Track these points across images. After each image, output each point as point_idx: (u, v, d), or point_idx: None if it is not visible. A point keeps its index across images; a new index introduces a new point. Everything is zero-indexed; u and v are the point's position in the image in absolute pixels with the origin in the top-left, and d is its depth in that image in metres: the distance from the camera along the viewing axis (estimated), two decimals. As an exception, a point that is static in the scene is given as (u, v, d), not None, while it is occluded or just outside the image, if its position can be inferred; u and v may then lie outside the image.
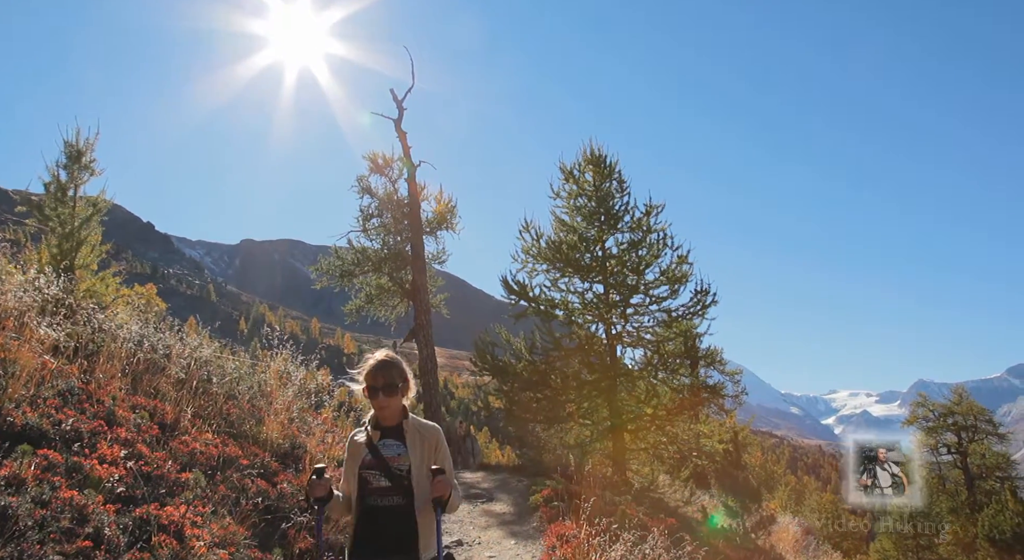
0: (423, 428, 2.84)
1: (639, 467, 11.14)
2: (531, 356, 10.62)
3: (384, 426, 2.84)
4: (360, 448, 2.82)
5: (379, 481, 2.74)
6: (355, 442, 2.85)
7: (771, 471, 32.29)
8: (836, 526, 30.82)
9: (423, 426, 2.85)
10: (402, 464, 2.74)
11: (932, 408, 33.37)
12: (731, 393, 27.18)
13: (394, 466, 2.73)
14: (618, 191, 11.31)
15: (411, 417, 2.86)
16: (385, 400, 2.76)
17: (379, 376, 2.77)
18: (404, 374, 2.84)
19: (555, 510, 6.39)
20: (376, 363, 2.81)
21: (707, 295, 10.61)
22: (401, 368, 2.84)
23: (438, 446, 2.81)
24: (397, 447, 2.78)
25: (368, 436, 2.81)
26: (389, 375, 2.78)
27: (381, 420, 2.83)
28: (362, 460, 2.78)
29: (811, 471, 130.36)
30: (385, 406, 2.77)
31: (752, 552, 7.11)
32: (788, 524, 13.58)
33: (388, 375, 2.78)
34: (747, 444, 27.93)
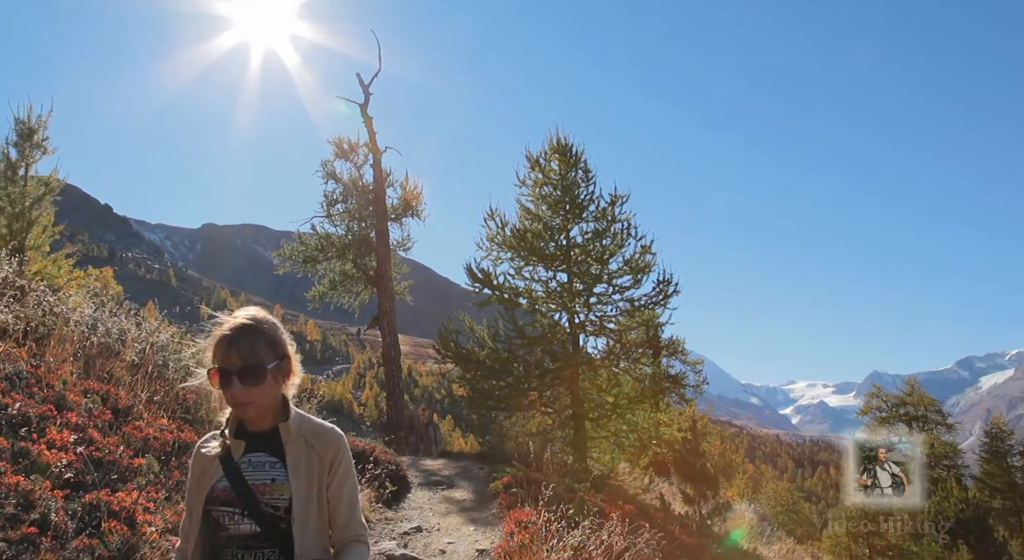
0: (316, 435, 1.77)
1: (600, 455, 11.28)
2: (494, 344, 10.66)
3: (250, 432, 1.74)
4: (210, 468, 1.73)
5: (239, 524, 1.66)
6: (202, 457, 1.76)
7: (729, 460, 32.94)
8: (793, 515, 31.70)
9: (316, 431, 1.78)
10: (277, 496, 1.67)
11: (885, 399, 34.45)
12: (692, 383, 27.66)
13: (265, 499, 1.67)
14: (583, 181, 11.38)
15: (296, 416, 1.78)
16: (244, 391, 1.63)
17: (233, 353, 1.63)
18: (277, 345, 1.72)
19: (514, 497, 6.45)
20: (228, 333, 1.66)
21: (669, 285, 10.76)
22: (273, 336, 1.71)
23: (338, 463, 1.76)
24: (271, 468, 1.71)
25: (224, 449, 1.72)
26: (250, 350, 1.64)
27: (246, 423, 1.75)
28: (211, 490, 1.70)
29: (769, 460, 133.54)
30: (246, 401, 1.65)
31: (707, 538, 7.27)
32: (744, 511, 13.93)
33: (248, 350, 1.63)
34: (707, 433, 28.46)
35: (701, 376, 28.62)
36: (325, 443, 1.78)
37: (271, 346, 1.71)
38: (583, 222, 11.32)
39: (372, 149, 17.02)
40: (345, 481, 1.79)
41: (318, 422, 1.84)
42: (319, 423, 1.84)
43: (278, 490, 1.69)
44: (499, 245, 11.32)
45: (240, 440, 1.74)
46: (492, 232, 11.33)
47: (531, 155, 11.71)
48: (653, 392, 10.90)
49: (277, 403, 1.76)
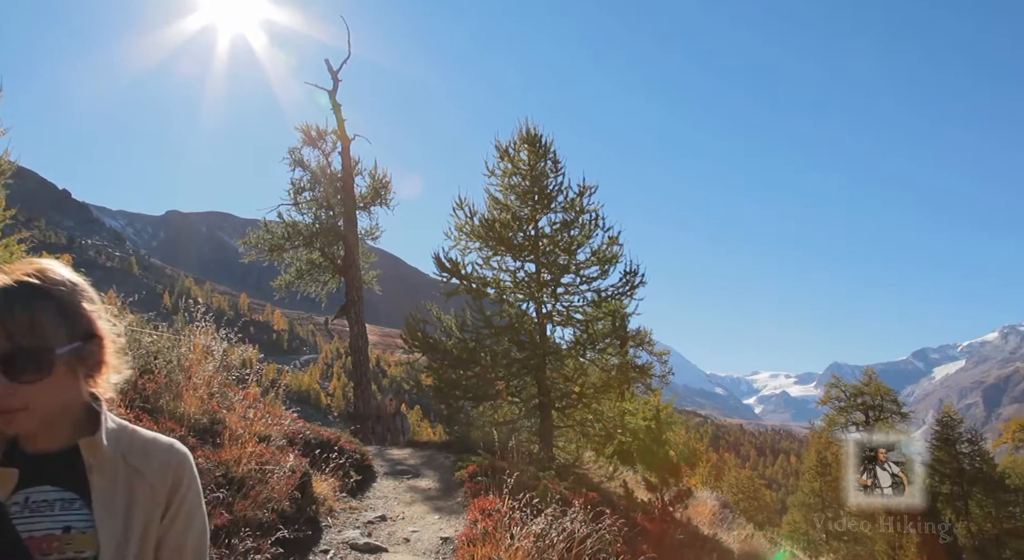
0: (146, 454, 1.15)
1: (566, 444, 11.38)
2: (461, 334, 10.65)
3: (29, 454, 1.08)
4: None
5: None
6: None
7: (694, 449, 33.40)
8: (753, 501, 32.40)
9: (145, 450, 1.15)
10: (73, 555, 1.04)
11: (844, 389, 35.36)
12: (659, 373, 28.01)
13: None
14: (552, 171, 11.40)
15: (114, 429, 1.14)
16: (9, 390, 0.99)
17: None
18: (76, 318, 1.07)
19: (479, 485, 6.47)
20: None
21: (636, 276, 10.87)
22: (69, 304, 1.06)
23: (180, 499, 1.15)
24: (62, 509, 1.07)
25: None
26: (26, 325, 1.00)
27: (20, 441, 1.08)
28: None
29: (732, 449, 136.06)
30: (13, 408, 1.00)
31: (668, 524, 7.39)
32: (707, 498, 14.18)
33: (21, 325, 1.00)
34: (672, 422, 28.79)
35: (667, 366, 29.01)
36: (160, 468, 1.12)
37: (65, 320, 1.05)
38: (551, 213, 11.35)
39: (340, 137, 16.83)
40: (190, 526, 1.14)
41: (149, 436, 1.17)
42: (151, 438, 1.17)
43: (74, 544, 1.04)
44: (467, 235, 11.29)
45: (10, 468, 1.05)
46: (460, 221, 11.31)
47: (500, 145, 11.69)
48: (619, 382, 11.01)
49: (76, 410, 1.10)
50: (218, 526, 4.43)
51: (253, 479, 5.00)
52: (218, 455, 5.16)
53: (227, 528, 4.42)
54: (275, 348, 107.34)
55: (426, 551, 5.65)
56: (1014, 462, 35.40)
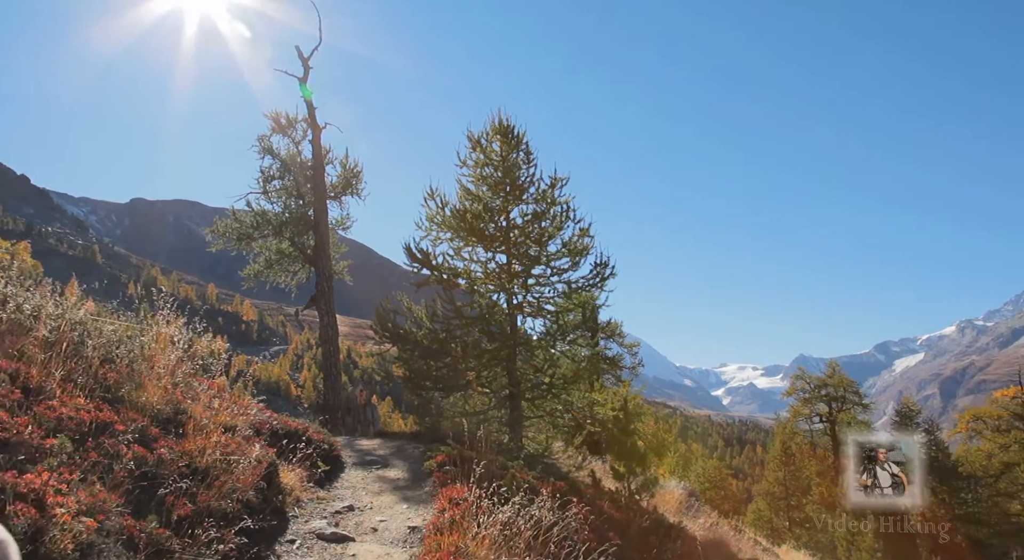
0: None
1: (535, 434, 11.44)
2: (432, 324, 10.62)
3: None
4: None
5: None
6: None
7: (662, 439, 33.86)
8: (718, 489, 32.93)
9: None
10: None
11: (808, 381, 36.05)
12: (629, 365, 28.25)
13: None
14: (524, 162, 11.38)
15: None
16: None
17: None
18: None
19: (448, 475, 6.48)
20: None
21: (606, 268, 10.93)
22: None
23: None
24: None
25: None
26: None
27: None
28: None
29: (700, 439, 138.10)
30: None
31: (635, 513, 7.48)
32: (674, 488, 14.38)
33: None
34: (641, 413, 29.13)
35: (637, 358, 29.22)
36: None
37: None
38: (523, 204, 11.36)
39: (311, 125, 16.61)
40: None
41: None
42: None
43: None
44: (439, 225, 11.24)
45: None
46: (432, 212, 11.25)
47: (473, 135, 11.63)
48: (589, 373, 11.08)
49: None
50: (181, 517, 4.37)
51: (218, 469, 4.94)
52: (182, 445, 5.08)
53: (190, 518, 4.36)
54: (244, 339, 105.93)
55: (394, 540, 5.65)
56: (967, 451, 36.46)
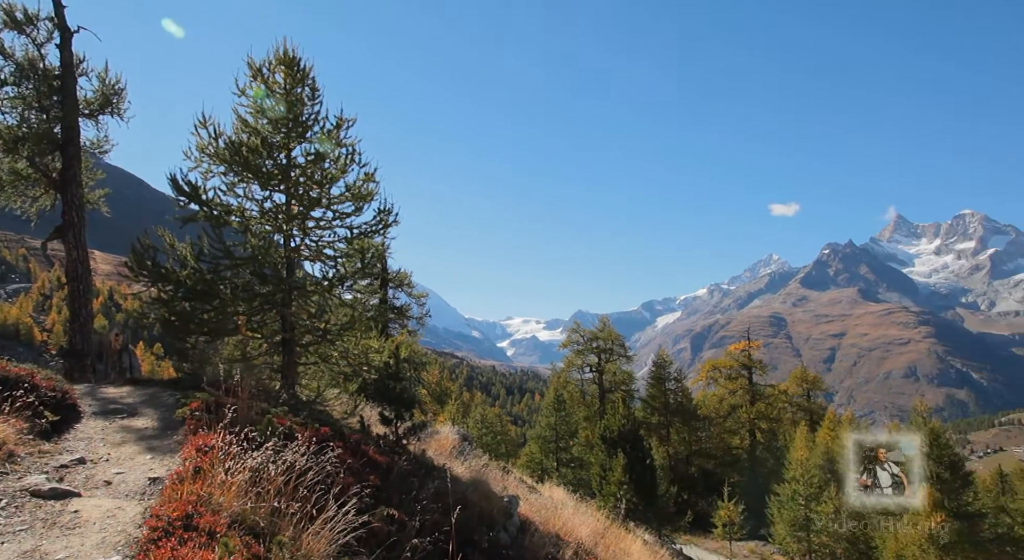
0: None
1: (309, 381, 11.21)
2: (197, 264, 9.82)
3: None
4: None
5: None
6: None
7: (445, 388, 35.06)
8: (494, 435, 34.91)
9: None
10: None
11: (582, 334, 39.26)
12: (417, 315, 28.60)
13: None
14: (310, 99, 10.79)
15: None
16: None
17: None
18: None
19: (201, 422, 6.13)
20: None
21: (390, 215, 10.83)
22: None
23: None
24: None
25: None
26: None
27: None
28: None
29: (484, 388, 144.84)
30: None
31: (400, 456, 7.68)
32: (448, 433, 14.96)
33: None
34: (426, 363, 29.80)
35: (425, 309, 29.67)
36: None
37: None
38: (306, 142, 10.80)
39: (59, 26, 14.30)
40: None
41: None
42: None
43: None
44: (211, 157, 10.32)
45: None
46: (203, 142, 10.28)
47: (254, 63, 10.73)
48: (368, 320, 11.01)
49: None
50: None
51: None
52: None
53: None
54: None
55: (129, 493, 5.24)
56: (705, 396, 42.33)
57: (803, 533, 29.54)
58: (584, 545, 10.03)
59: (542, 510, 11.03)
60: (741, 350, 40.92)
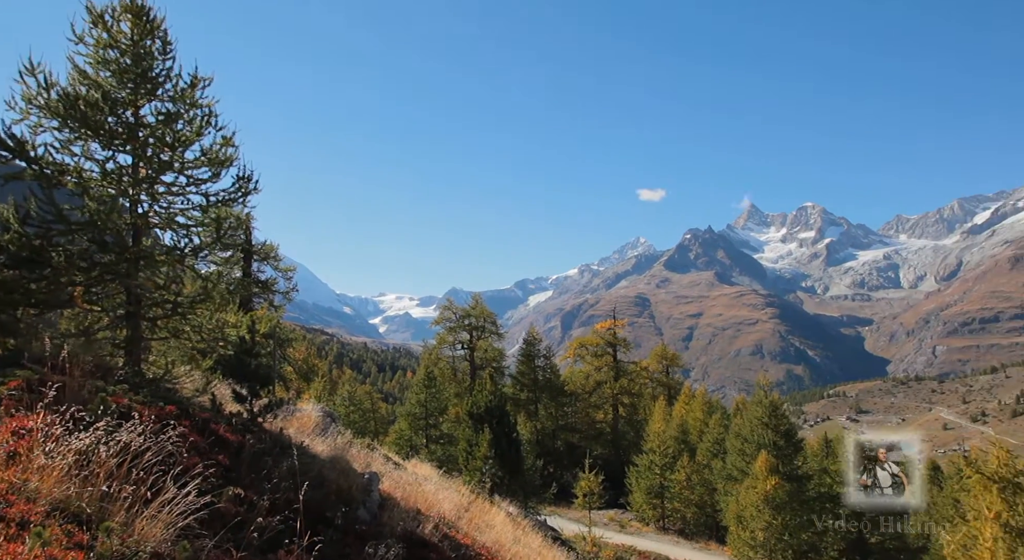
0: None
1: (157, 357, 10.47)
2: (22, 228, 8.82)
3: None
4: None
5: None
6: None
7: (312, 365, 34.09)
8: (359, 413, 34.43)
9: None
10: None
11: (455, 311, 39.40)
12: (283, 289, 27.46)
13: None
14: (161, 53, 9.91)
15: None
16: None
17: None
18: None
19: (20, 403, 5.55)
20: None
21: (249, 182, 10.23)
22: None
23: None
24: None
25: None
26: None
27: None
28: None
29: (355, 365, 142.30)
30: None
31: (253, 434, 7.37)
32: (311, 411, 14.55)
33: None
34: (292, 339, 28.77)
35: (292, 283, 28.57)
36: None
37: None
38: (157, 100, 9.95)
39: None
40: None
41: None
42: None
43: None
44: (41, 109, 9.25)
45: None
46: (31, 92, 9.18)
47: (94, 7, 9.69)
48: (223, 293, 10.40)
49: None
50: None
51: None
52: None
53: None
54: None
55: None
56: (572, 373, 43.93)
57: (658, 500, 31.60)
58: (447, 519, 10.14)
59: (405, 486, 11.02)
60: (607, 329, 42.77)
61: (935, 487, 36.02)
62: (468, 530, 10.10)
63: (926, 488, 35.84)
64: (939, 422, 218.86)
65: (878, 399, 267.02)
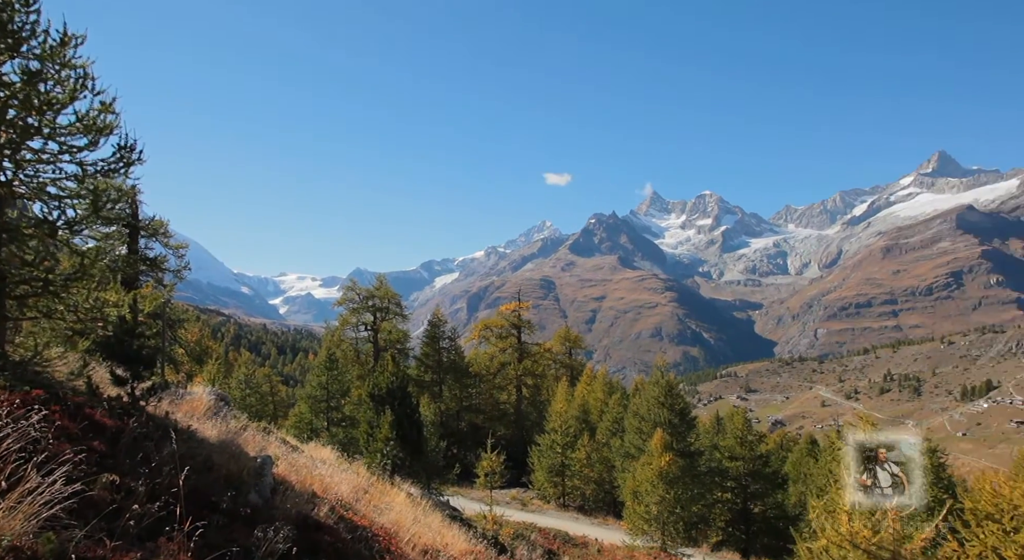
0: None
1: (25, 339, 9.69)
2: None
3: None
4: None
5: None
6: None
7: (206, 346, 32.60)
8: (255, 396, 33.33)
9: None
10: None
11: (358, 292, 38.67)
12: (174, 267, 26.04)
13: None
14: (23, 5, 9.06)
15: None
16: None
17: None
18: None
19: None
20: None
21: (132, 152, 9.55)
22: None
23: None
24: None
25: None
26: None
27: None
28: None
29: (253, 348, 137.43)
30: None
31: (137, 418, 6.97)
32: (202, 394, 13.94)
33: None
34: (184, 319, 27.40)
35: (184, 261, 27.13)
36: None
37: None
38: (20, 57, 9.09)
39: None
40: None
41: None
42: None
43: None
44: None
45: None
46: None
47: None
48: (102, 270, 9.72)
49: None
50: None
51: None
52: None
53: None
54: None
55: None
56: (477, 354, 44.18)
57: (559, 478, 32.41)
58: (345, 501, 9.99)
59: (301, 469, 10.77)
60: (512, 311, 43.20)
61: (812, 460, 38.84)
62: (366, 512, 10.00)
63: (808, 462, 38.62)
64: (818, 399, 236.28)
65: (765, 379, 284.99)
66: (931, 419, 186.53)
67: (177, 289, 26.86)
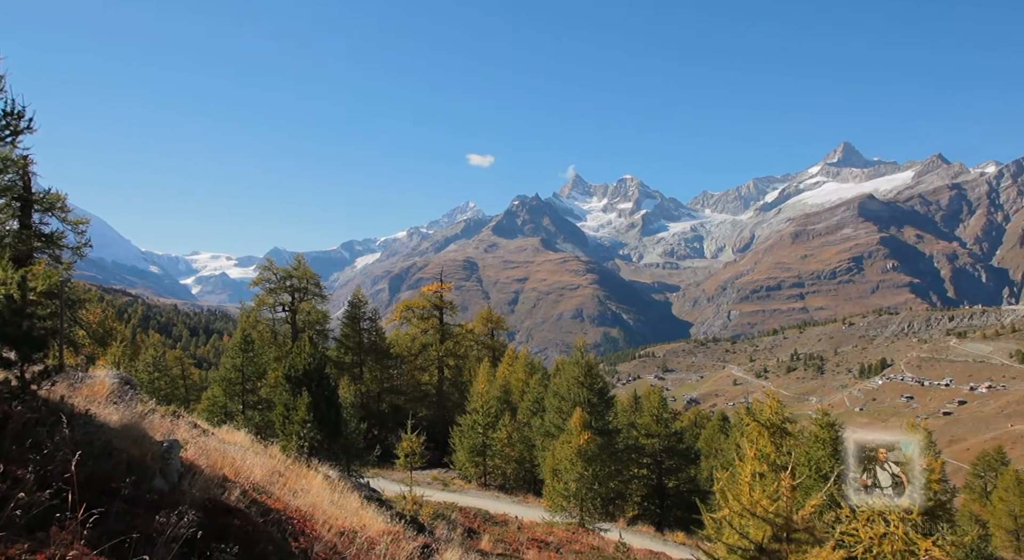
0: None
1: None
2: None
3: None
4: None
5: None
6: None
7: (109, 328, 30.95)
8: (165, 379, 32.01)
9: None
10: None
11: (275, 272, 37.55)
12: (73, 244, 24.48)
13: None
14: None
15: None
16: None
17: None
18: None
19: None
20: None
21: (20, 120, 8.89)
22: None
23: None
24: None
25: None
26: None
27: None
28: None
29: (163, 329, 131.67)
30: None
31: (27, 403, 6.55)
32: (105, 377, 13.29)
33: None
34: (86, 299, 25.91)
35: (85, 237, 25.58)
36: None
37: None
38: None
39: None
40: None
41: None
42: None
43: None
44: None
45: None
46: None
47: None
48: (14, 250, 9.06)
49: None
50: None
51: None
52: None
53: None
54: None
55: None
56: (399, 336, 43.80)
57: (480, 458, 32.67)
58: (259, 484, 9.75)
59: (212, 453, 10.42)
60: (434, 291, 42.96)
61: (723, 435, 40.70)
62: (281, 495, 9.79)
63: (719, 438, 40.43)
64: (730, 378, 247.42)
65: (682, 358, 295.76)
66: (832, 396, 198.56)
67: (78, 268, 25.36)
